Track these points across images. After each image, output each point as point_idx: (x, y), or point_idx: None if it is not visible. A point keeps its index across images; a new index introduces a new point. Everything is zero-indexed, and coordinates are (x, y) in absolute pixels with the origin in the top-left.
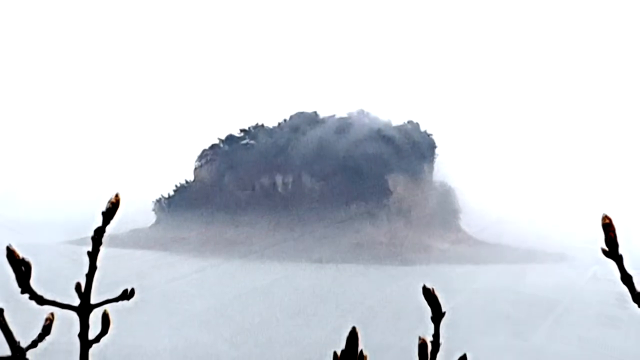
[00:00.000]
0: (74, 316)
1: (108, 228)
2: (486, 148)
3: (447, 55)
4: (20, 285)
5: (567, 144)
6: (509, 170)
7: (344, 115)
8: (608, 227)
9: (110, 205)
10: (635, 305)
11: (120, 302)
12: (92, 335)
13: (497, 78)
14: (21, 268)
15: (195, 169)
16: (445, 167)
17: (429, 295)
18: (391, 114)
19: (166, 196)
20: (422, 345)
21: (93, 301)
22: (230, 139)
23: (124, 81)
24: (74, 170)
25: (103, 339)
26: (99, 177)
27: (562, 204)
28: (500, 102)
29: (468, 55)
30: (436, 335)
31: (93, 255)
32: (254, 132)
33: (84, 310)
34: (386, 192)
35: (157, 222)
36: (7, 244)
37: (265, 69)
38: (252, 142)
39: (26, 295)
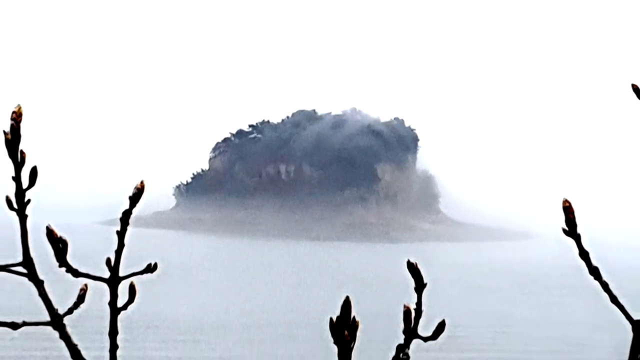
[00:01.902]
0: (104, 287)
1: (134, 210)
2: (463, 141)
3: (429, 61)
4: (58, 260)
5: (532, 138)
6: (482, 159)
7: (339, 112)
8: (568, 209)
9: (136, 191)
10: (591, 277)
11: (144, 275)
12: (120, 303)
13: (473, 81)
14: (59, 245)
15: (210, 159)
16: (427, 157)
17: (413, 269)
18: (380, 111)
19: (184, 183)
20: (407, 312)
21: (121, 274)
22: (240, 133)
23: (149, 85)
24: (105, 161)
25: (130, 307)
26: (126, 166)
27: (528, 190)
28: (475, 102)
29: (447, 61)
30: (419, 304)
31: (121, 234)
32: (260, 127)
33: (113, 281)
34: (375, 179)
35: (177, 205)
36: (46, 225)
37: (270, 73)
38: (259, 136)
39: (63, 269)
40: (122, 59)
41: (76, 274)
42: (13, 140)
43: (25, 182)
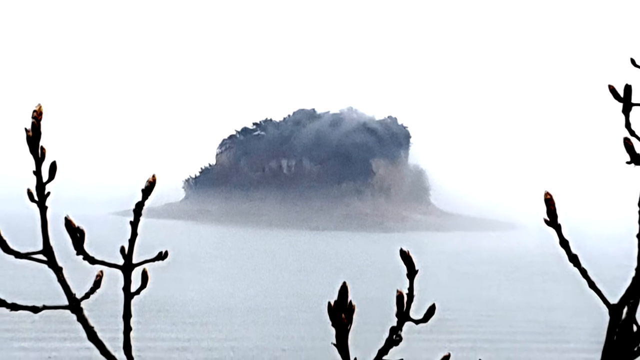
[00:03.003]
0: (119, 273)
1: (146, 202)
2: (452, 137)
3: (421, 64)
4: (75, 248)
5: (516, 135)
6: (470, 155)
7: (337, 111)
8: (549, 201)
9: (148, 184)
10: (571, 265)
11: (156, 262)
12: (133, 288)
13: (461, 82)
14: (77, 235)
15: (217, 154)
16: (418, 153)
17: (405, 257)
18: (375, 110)
19: (193, 176)
20: (399, 296)
21: (134, 261)
22: (244, 130)
23: (161, 87)
24: (119, 157)
25: (142, 292)
26: (139, 161)
27: (512, 183)
28: (462, 101)
29: (437, 64)
30: (411, 289)
31: (134, 224)
32: (264, 125)
33: (127, 268)
34: (370, 173)
35: (186, 197)
36: (65, 216)
37: (273, 75)
38: (262, 133)
39: (80, 257)
40: (136, 62)
41: (92, 261)
42: (34, 137)
43: (45, 176)
